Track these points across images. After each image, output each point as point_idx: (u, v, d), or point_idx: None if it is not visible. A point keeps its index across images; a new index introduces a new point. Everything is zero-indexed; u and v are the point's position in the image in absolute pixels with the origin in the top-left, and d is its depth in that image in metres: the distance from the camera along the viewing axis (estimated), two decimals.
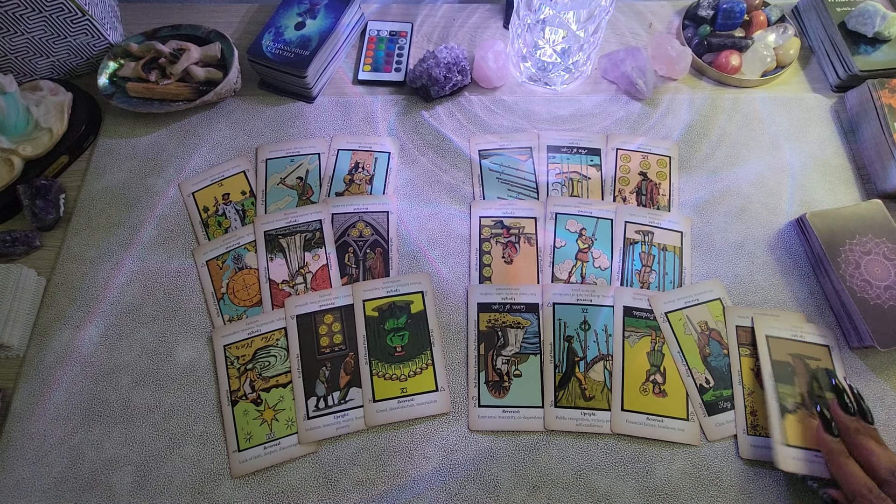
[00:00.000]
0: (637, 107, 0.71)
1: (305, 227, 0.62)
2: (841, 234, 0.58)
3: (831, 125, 0.69)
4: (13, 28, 0.63)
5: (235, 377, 0.55)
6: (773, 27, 0.72)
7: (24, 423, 0.53)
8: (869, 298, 0.54)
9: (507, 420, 0.53)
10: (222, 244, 0.61)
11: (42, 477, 0.51)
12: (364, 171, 0.66)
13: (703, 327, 0.55)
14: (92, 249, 0.61)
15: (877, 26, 0.68)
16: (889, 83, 0.65)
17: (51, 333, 0.57)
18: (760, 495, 0.50)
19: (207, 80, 0.69)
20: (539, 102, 0.71)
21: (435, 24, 0.78)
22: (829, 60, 0.72)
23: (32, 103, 0.64)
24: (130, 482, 0.50)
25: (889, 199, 0.62)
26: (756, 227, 0.63)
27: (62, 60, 0.69)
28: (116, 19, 0.73)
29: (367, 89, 0.72)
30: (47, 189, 0.61)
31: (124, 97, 0.68)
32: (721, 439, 0.51)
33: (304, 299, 0.58)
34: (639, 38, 0.77)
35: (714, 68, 0.71)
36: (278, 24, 0.70)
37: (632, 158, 0.66)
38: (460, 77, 0.69)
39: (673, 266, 0.60)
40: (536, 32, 0.66)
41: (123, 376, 0.55)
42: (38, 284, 0.58)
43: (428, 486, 0.50)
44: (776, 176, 0.66)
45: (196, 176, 0.66)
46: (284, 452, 0.51)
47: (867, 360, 0.55)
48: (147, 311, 0.58)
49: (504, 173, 0.66)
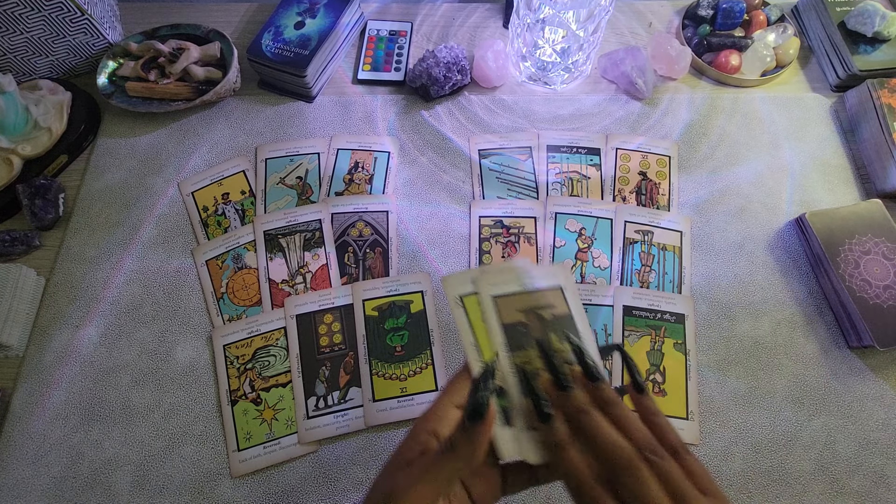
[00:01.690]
0: (637, 106, 0.71)
1: (305, 227, 0.62)
2: (840, 233, 0.58)
3: (831, 125, 0.69)
4: (12, 27, 0.63)
5: (235, 377, 0.54)
6: (773, 27, 0.72)
7: (23, 422, 0.53)
8: (868, 298, 0.55)
9: None
10: (222, 244, 0.61)
11: (41, 476, 0.51)
12: (364, 171, 0.66)
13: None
14: (91, 249, 0.61)
15: (876, 26, 0.68)
16: (888, 83, 0.65)
17: (50, 333, 0.57)
18: (759, 494, 0.50)
19: (207, 79, 0.69)
20: (539, 102, 0.71)
21: (435, 24, 0.78)
22: (829, 60, 0.72)
23: (31, 102, 0.64)
24: (130, 482, 0.50)
25: (888, 198, 0.62)
26: (756, 226, 0.63)
27: (61, 60, 0.69)
28: (116, 18, 0.73)
29: (367, 89, 0.72)
30: (46, 188, 0.61)
31: (123, 96, 0.67)
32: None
33: (303, 299, 0.58)
34: (638, 38, 0.77)
35: (714, 68, 0.71)
36: (278, 24, 0.70)
37: (631, 158, 0.66)
38: (460, 76, 0.69)
39: (673, 266, 0.60)
40: (536, 32, 0.66)
41: (123, 376, 0.55)
42: (37, 284, 0.58)
43: None
44: (776, 176, 0.66)
45: (195, 175, 0.66)
46: (284, 452, 0.51)
47: (866, 360, 0.55)
48: (146, 310, 0.58)
49: (504, 173, 0.66)
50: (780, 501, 0.50)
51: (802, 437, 0.52)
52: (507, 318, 0.38)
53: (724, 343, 0.57)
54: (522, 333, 0.38)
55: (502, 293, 0.38)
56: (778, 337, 0.57)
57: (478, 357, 0.36)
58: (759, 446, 0.52)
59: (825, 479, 0.51)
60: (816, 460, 0.51)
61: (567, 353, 0.35)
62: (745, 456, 0.52)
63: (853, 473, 0.51)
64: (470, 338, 0.37)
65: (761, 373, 0.55)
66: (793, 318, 0.58)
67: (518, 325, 0.38)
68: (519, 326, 0.38)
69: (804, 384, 0.55)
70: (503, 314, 0.38)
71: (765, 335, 0.57)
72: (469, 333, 0.37)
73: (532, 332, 0.37)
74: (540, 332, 0.37)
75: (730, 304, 0.58)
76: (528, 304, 0.38)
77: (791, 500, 0.50)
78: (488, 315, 0.38)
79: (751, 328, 0.57)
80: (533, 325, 0.38)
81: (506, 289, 0.38)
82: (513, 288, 0.39)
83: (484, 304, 0.38)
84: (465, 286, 0.38)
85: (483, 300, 0.38)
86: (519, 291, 0.39)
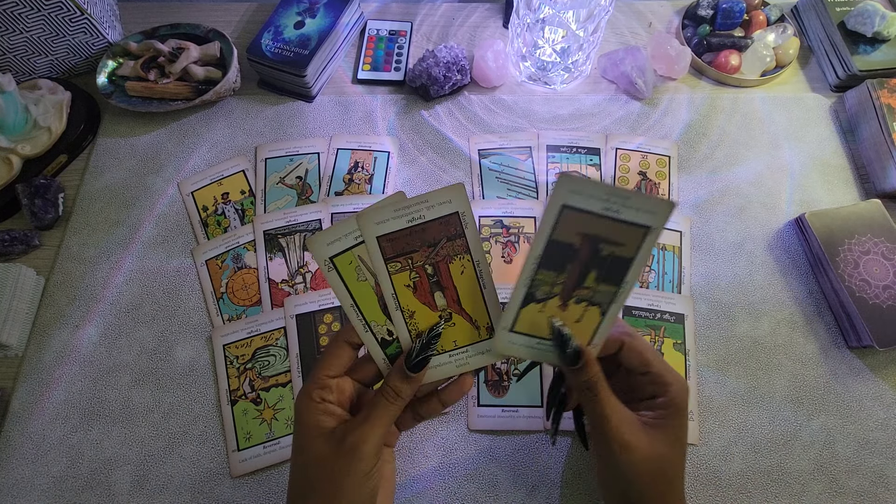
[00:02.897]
0: (636, 106, 0.71)
1: (305, 227, 0.62)
2: (840, 233, 0.58)
3: (830, 125, 0.69)
4: (12, 27, 0.63)
5: (235, 376, 0.55)
6: (773, 27, 0.72)
7: (23, 422, 0.53)
8: (867, 298, 0.55)
9: (506, 420, 0.53)
10: (221, 243, 0.61)
11: (41, 476, 0.51)
12: (363, 171, 0.66)
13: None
14: (91, 249, 0.61)
15: (876, 26, 0.68)
16: (888, 83, 0.65)
17: (50, 333, 0.57)
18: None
19: (206, 79, 0.69)
20: (538, 102, 0.71)
21: (434, 24, 0.78)
22: (829, 60, 0.72)
23: (31, 102, 0.64)
24: (130, 482, 0.50)
25: (888, 198, 0.62)
26: (755, 226, 0.63)
27: (61, 59, 0.69)
28: (115, 18, 0.73)
29: (367, 88, 0.72)
30: (46, 188, 0.61)
31: (123, 96, 0.67)
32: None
33: (303, 299, 0.58)
34: (638, 38, 0.77)
35: (713, 68, 0.71)
36: (277, 23, 0.70)
37: (631, 158, 0.66)
38: (460, 76, 0.69)
39: (672, 265, 0.60)
40: (536, 32, 0.66)
41: (123, 376, 0.55)
42: (36, 284, 0.58)
43: (427, 485, 0.50)
44: (775, 175, 0.66)
45: (195, 175, 0.65)
46: (284, 452, 0.51)
47: (865, 360, 0.56)
48: (146, 310, 0.58)
49: (503, 173, 0.66)
50: (780, 501, 0.50)
51: (802, 436, 0.52)
52: (561, 236, 0.35)
53: (723, 343, 0.57)
54: (567, 255, 0.36)
55: (386, 232, 0.37)
56: (777, 337, 0.57)
57: (358, 317, 0.37)
58: (758, 446, 0.52)
59: (824, 478, 0.51)
60: (816, 460, 0.52)
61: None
62: (744, 456, 0.52)
63: (852, 473, 0.51)
64: (349, 300, 0.37)
65: (761, 373, 0.55)
66: (792, 318, 0.58)
67: (568, 245, 0.35)
68: (568, 248, 0.35)
69: (803, 384, 0.55)
70: (561, 228, 0.35)
71: (764, 335, 0.57)
72: (347, 296, 0.37)
73: (575, 259, 0.35)
74: (582, 264, 0.35)
75: (729, 304, 0.58)
76: (599, 229, 0.35)
77: (790, 499, 0.50)
78: (375, 257, 0.37)
79: (750, 328, 0.57)
80: (582, 251, 0.35)
81: (391, 226, 0.36)
82: (596, 207, 0.34)
83: (370, 246, 0.36)
84: (333, 246, 0.36)
85: (369, 242, 0.36)
86: (599, 213, 0.34)
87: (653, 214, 0.34)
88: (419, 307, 0.38)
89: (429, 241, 0.37)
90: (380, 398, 0.35)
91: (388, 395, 0.35)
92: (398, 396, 0.35)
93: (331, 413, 0.35)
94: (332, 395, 0.36)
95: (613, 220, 0.34)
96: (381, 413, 0.35)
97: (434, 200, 0.36)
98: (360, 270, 0.38)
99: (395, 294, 0.37)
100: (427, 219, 0.36)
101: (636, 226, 0.34)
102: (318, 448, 0.34)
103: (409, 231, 0.36)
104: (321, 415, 0.35)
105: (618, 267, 0.35)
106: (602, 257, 0.35)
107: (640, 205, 0.34)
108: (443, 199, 0.36)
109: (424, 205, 0.36)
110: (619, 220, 0.34)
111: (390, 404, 0.35)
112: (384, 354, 0.38)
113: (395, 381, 0.36)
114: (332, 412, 0.35)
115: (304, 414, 0.35)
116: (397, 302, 0.37)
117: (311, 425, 0.35)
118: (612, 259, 0.35)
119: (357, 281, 0.38)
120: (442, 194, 0.36)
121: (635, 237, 0.34)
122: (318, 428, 0.34)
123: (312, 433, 0.34)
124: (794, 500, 0.50)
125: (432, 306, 0.38)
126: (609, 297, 0.35)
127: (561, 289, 0.36)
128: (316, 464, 0.34)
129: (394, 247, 0.37)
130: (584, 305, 0.36)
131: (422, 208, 0.36)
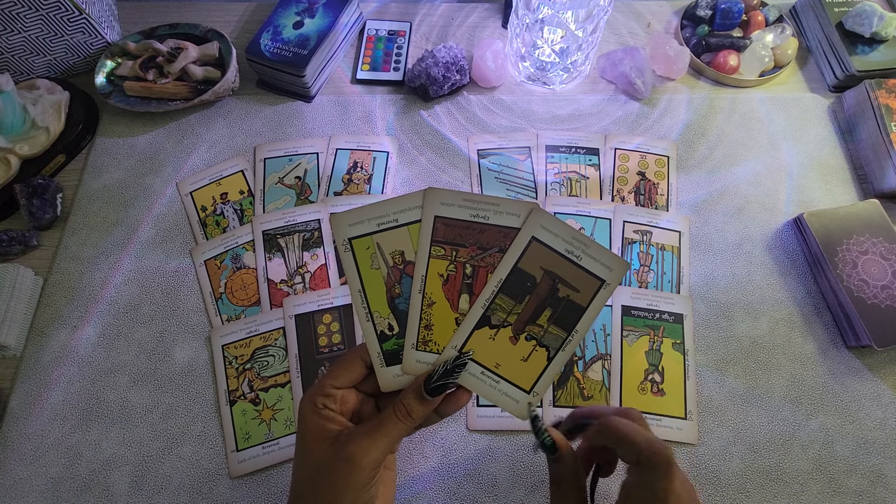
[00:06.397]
0: (635, 106, 0.71)
1: (304, 227, 0.62)
2: (838, 233, 0.58)
3: (829, 125, 0.69)
4: (10, 26, 0.63)
5: (234, 377, 0.54)
6: (771, 27, 0.73)
7: (21, 422, 0.53)
8: (866, 298, 0.55)
9: (505, 420, 0.53)
10: (220, 244, 0.61)
11: (40, 477, 0.50)
12: (362, 171, 0.66)
13: (396, 259, 0.39)
14: (89, 249, 0.61)
15: (874, 26, 0.68)
16: (886, 83, 0.65)
17: (48, 333, 0.57)
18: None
19: (205, 79, 0.68)
20: (537, 102, 0.71)
21: (433, 24, 0.78)
22: (827, 60, 0.72)
23: (29, 102, 0.64)
24: (128, 482, 0.50)
25: (886, 198, 0.62)
26: (754, 226, 0.63)
27: (59, 59, 0.69)
28: (114, 18, 0.73)
29: (366, 88, 0.72)
30: (44, 188, 0.61)
31: (122, 96, 0.67)
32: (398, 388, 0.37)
33: (302, 299, 0.58)
34: (637, 38, 0.77)
35: (712, 68, 0.71)
36: (276, 23, 0.70)
37: (630, 158, 0.66)
38: (459, 76, 0.69)
39: (671, 265, 0.60)
40: (535, 32, 0.66)
41: (121, 376, 0.55)
42: (35, 284, 0.58)
43: (427, 485, 0.50)
44: (774, 176, 0.66)
45: (194, 175, 0.65)
46: (283, 452, 0.51)
47: (864, 360, 0.56)
48: (145, 310, 0.58)
49: (503, 173, 0.66)
50: (778, 501, 0.50)
51: (800, 436, 0.53)
52: (527, 266, 0.36)
53: (722, 343, 0.57)
54: (525, 288, 0.37)
55: (446, 215, 0.37)
56: (776, 337, 0.57)
57: (363, 303, 0.37)
58: (757, 446, 0.52)
59: (823, 478, 0.51)
60: (814, 459, 0.52)
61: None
62: (743, 455, 0.52)
63: (851, 473, 0.51)
64: (357, 284, 0.37)
65: (759, 372, 0.55)
66: (791, 318, 0.58)
67: (529, 277, 0.36)
68: (528, 279, 0.36)
69: (802, 384, 0.55)
70: (526, 259, 0.36)
71: (763, 335, 0.57)
72: (357, 280, 0.37)
73: (533, 292, 0.36)
74: (540, 298, 0.36)
75: (728, 303, 0.59)
76: (562, 270, 0.36)
77: (789, 499, 0.50)
78: (424, 234, 0.37)
79: (749, 328, 0.57)
80: (541, 287, 0.37)
81: (454, 213, 0.37)
82: (559, 247, 0.36)
83: (425, 222, 0.36)
84: (355, 227, 0.36)
85: (426, 218, 0.36)
86: (562, 253, 0.36)
87: (609, 270, 0.35)
88: (441, 300, 0.37)
89: (482, 243, 0.36)
90: (390, 413, 0.34)
91: (400, 412, 0.34)
92: (409, 416, 0.34)
93: (331, 419, 0.35)
94: (334, 405, 0.35)
95: (574, 264, 0.36)
96: (388, 429, 0.34)
97: (504, 208, 0.36)
98: (376, 258, 0.37)
99: (425, 277, 0.37)
100: (489, 221, 0.36)
101: (593, 276, 0.36)
102: (319, 452, 0.34)
103: (468, 225, 0.36)
104: (322, 420, 0.35)
105: (571, 312, 0.36)
106: (559, 298, 0.36)
107: (599, 256, 0.35)
108: (512, 211, 0.36)
109: (493, 207, 0.36)
110: (578, 265, 0.36)
111: (399, 422, 0.34)
112: (380, 349, 0.37)
113: (410, 399, 0.34)
114: (333, 419, 0.35)
115: (305, 417, 0.35)
116: (423, 285, 0.37)
117: (311, 429, 0.34)
118: (566, 302, 0.36)
119: (370, 268, 0.37)
120: (514, 206, 0.36)
121: (591, 287, 0.36)
122: (318, 432, 0.34)
123: (313, 436, 0.34)
124: (793, 500, 0.50)
125: (454, 305, 0.37)
126: (558, 342, 0.36)
127: (515, 319, 0.36)
128: (315, 467, 0.34)
129: (447, 233, 0.36)
130: (534, 344, 0.36)
131: (489, 210, 0.36)
